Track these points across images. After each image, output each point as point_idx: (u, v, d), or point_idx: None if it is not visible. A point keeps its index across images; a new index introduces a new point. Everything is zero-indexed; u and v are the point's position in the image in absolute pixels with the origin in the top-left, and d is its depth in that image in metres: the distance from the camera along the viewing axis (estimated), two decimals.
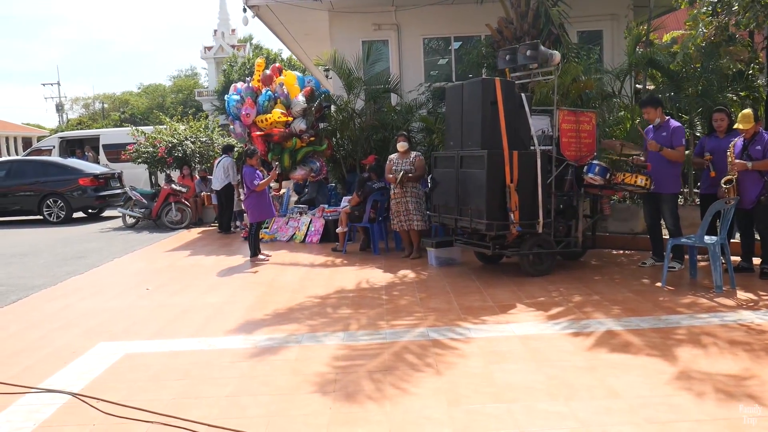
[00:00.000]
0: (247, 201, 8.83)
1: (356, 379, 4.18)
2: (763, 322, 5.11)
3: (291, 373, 4.37)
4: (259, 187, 8.61)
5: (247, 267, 8.44)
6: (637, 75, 10.18)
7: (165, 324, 5.80)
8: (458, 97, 7.42)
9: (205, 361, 4.70)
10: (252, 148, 9.23)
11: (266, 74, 11.00)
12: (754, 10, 6.09)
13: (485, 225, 6.82)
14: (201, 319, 5.91)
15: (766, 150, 6.49)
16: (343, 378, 4.21)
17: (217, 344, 5.11)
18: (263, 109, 10.71)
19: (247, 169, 8.73)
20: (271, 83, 10.97)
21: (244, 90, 11.02)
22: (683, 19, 12.19)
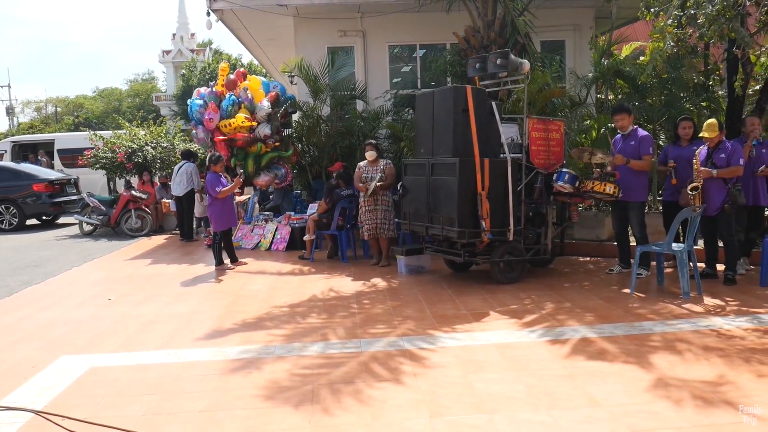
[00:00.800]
0: (210, 209, 8.63)
1: (335, 391, 4.09)
2: (732, 327, 5.21)
3: (266, 385, 4.25)
4: (222, 194, 8.43)
5: (212, 276, 8.26)
6: (599, 85, 10.34)
7: (130, 336, 5.60)
8: (429, 104, 7.41)
9: (176, 375, 4.54)
10: (217, 154, 9.03)
11: (230, 79, 10.80)
12: (718, 23, 6.23)
13: (457, 232, 6.81)
14: (168, 330, 5.73)
15: (730, 158, 6.65)
16: (320, 390, 4.12)
17: (187, 356, 4.95)
18: (227, 114, 10.51)
19: (211, 176, 8.53)
20: (236, 88, 10.78)
21: (208, 94, 10.80)
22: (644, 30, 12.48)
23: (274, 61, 17.56)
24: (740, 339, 4.90)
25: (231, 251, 8.75)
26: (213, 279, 8.06)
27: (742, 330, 5.13)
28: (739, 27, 6.59)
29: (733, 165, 6.61)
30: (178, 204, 11.95)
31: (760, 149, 7.23)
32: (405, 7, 11.66)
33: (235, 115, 10.46)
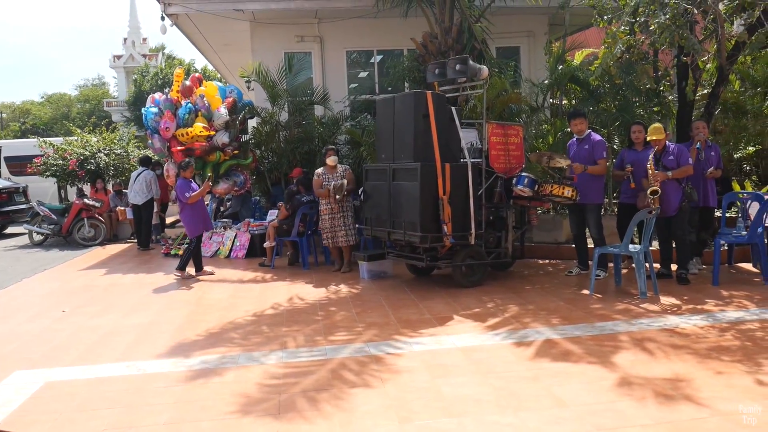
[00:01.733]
0: (183, 215, 8.47)
1: (302, 399, 4.05)
2: (688, 326, 5.35)
3: (231, 395, 4.18)
4: (191, 199, 8.29)
5: (173, 285, 8.09)
6: (553, 91, 10.54)
7: (88, 348, 5.44)
8: (389, 109, 7.42)
9: (136, 387, 4.43)
10: (186, 159, 8.84)
11: (186, 85, 10.58)
12: (670, 30, 6.42)
13: (419, 237, 6.83)
14: (127, 341, 5.58)
15: (679, 158, 6.88)
16: (287, 399, 4.07)
17: (147, 368, 4.83)
18: (184, 122, 10.29)
19: (181, 182, 8.38)
20: (191, 94, 10.57)
21: (163, 102, 10.55)
22: (596, 37, 12.78)
23: (230, 66, 17.39)
24: (696, 337, 5.04)
25: (198, 259, 8.57)
26: (173, 288, 7.89)
27: (698, 328, 5.28)
28: (689, 35, 6.80)
29: (683, 165, 6.84)
30: (136, 212, 11.69)
31: (708, 152, 7.47)
32: (362, 13, 11.68)
33: (192, 123, 10.25)
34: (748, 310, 5.82)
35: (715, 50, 8.50)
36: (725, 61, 8.06)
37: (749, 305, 5.98)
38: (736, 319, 5.52)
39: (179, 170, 8.56)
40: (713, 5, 6.81)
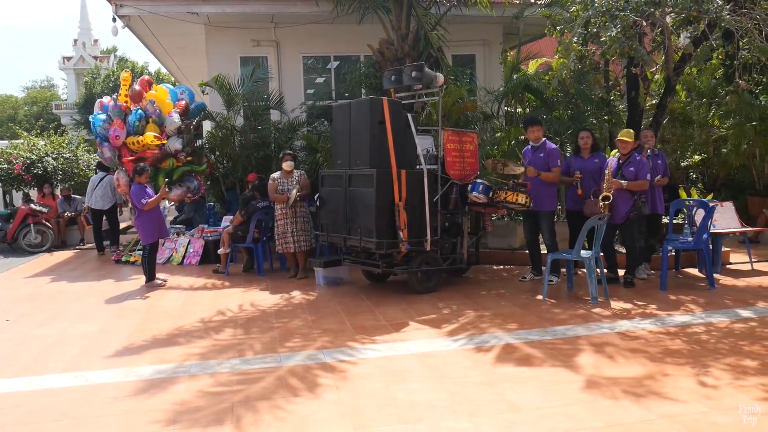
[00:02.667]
0: (138, 221, 8.23)
1: (257, 408, 3.99)
2: (638, 329, 5.48)
3: (183, 405, 4.09)
4: (148, 206, 8.07)
5: (123, 292, 7.89)
6: (508, 99, 10.70)
7: (33, 359, 5.26)
8: (345, 116, 7.41)
9: (84, 399, 4.30)
10: (141, 164, 8.60)
11: (135, 90, 10.20)
12: (620, 42, 6.60)
13: (375, 243, 6.83)
14: (74, 351, 5.42)
15: (639, 172, 7.05)
16: (241, 407, 4.01)
17: (95, 378, 4.70)
18: (134, 130, 9.93)
19: (136, 188, 8.14)
20: (141, 99, 10.26)
21: (112, 108, 10.11)
22: (550, 47, 13.04)
23: (184, 69, 17.11)
24: (646, 340, 5.16)
25: (152, 267, 8.36)
26: (124, 296, 7.69)
27: (647, 332, 5.41)
28: (638, 46, 6.99)
29: (641, 179, 7.02)
30: (96, 217, 11.35)
31: (655, 160, 7.68)
32: (319, 19, 11.66)
33: (143, 130, 9.97)
34: (694, 314, 5.99)
35: (663, 61, 8.77)
36: (672, 72, 8.31)
37: (695, 309, 6.15)
38: (682, 322, 5.68)
39: (134, 175, 8.32)
40: (661, 18, 7.03)
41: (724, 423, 3.57)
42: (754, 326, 5.50)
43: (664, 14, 7.08)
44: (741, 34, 7.01)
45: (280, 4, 11.72)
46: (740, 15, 6.82)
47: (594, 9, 6.82)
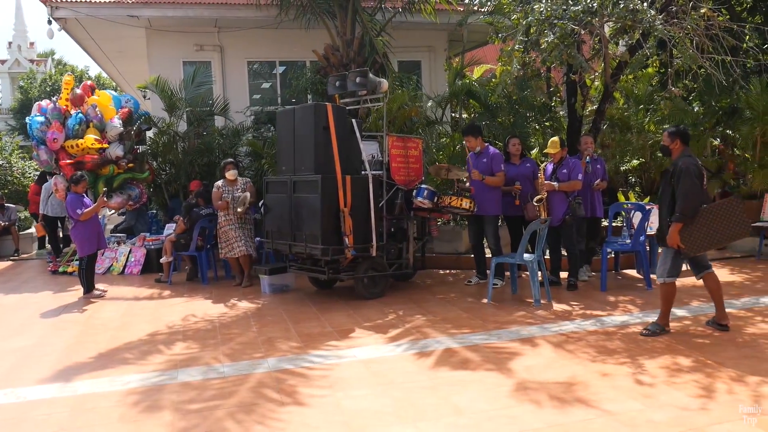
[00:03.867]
0: (74, 232, 7.94)
1: (197, 423, 3.90)
2: (580, 330, 5.60)
3: (122, 421, 3.97)
4: (84, 216, 7.80)
5: (60, 305, 7.61)
6: (453, 105, 10.83)
7: None
8: (290, 121, 7.36)
9: (14, 417, 4.12)
10: (79, 173, 8.28)
11: (76, 93, 9.96)
12: (559, 49, 6.76)
13: (320, 250, 6.79)
14: (5, 367, 5.19)
15: (571, 173, 7.23)
16: (181, 421, 3.91)
17: (28, 395, 4.51)
18: (73, 134, 9.68)
19: (72, 197, 7.85)
20: (83, 104, 9.99)
21: (50, 111, 9.84)
22: (494, 53, 13.26)
23: (125, 74, 16.72)
24: (587, 341, 5.28)
25: (90, 278, 8.08)
26: (61, 308, 7.43)
27: (588, 332, 5.54)
28: (576, 53, 7.18)
29: (573, 180, 7.20)
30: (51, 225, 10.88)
31: (594, 165, 7.88)
32: (264, 23, 11.57)
33: (83, 134, 9.70)
34: (632, 314, 6.16)
35: (601, 69, 9.02)
36: (610, 79, 8.56)
37: (633, 309, 6.33)
38: (621, 322, 5.83)
39: (70, 185, 8.03)
40: (598, 27, 7.23)
41: (660, 420, 3.67)
42: (688, 324, 5.70)
43: (601, 23, 7.30)
44: (673, 43, 7.28)
45: (223, 9, 11.59)
46: (672, 25, 7.07)
47: (534, 17, 6.97)
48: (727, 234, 5.18)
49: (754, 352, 4.84)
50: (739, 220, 5.18)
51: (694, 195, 5.08)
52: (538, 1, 7.21)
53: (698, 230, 5.14)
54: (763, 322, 5.67)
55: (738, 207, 5.21)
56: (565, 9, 6.92)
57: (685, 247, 5.17)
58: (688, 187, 5.09)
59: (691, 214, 5.09)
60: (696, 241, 5.15)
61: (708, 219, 5.14)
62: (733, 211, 5.17)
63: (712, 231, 5.14)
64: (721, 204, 5.21)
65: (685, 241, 5.15)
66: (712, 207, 5.18)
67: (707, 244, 5.19)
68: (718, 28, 7.46)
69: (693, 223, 5.13)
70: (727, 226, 5.16)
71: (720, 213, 5.16)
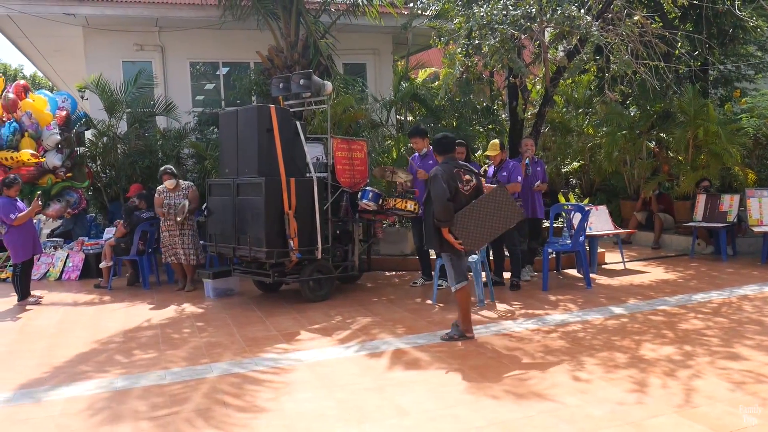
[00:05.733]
0: (8, 238, 7.61)
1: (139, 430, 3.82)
2: (522, 329, 5.72)
3: (56, 429, 3.85)
4: (18, 221, 7.50)
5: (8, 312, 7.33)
6: (398, 107, 10.90)
7: None
8: (233, 123, 7.28)
9: None
10: (12, 176, 7.93)
11: (10, 98, 9.40)
12: (499, 53, 6.90)
13: (265, 253, 6.73)
14: None
15: (510, 176, 7.38)
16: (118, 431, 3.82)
17: None
18: (7, 144, 9.25)
19: (4, 201, 7.52)
20: (16, 110, 9.46)
21: None
22: (438, 57, 13.41)
23: (62, 73, 16.21)
24: (528, 340, 5.39)
25: (25, 284, 7.76)
26: (4, 317, 7.15)
27: (530, 331, 5.66)
28: (516, 58, 7.34)
29: (512, 182, 7.35)
30: None
31: (535, 167, 8.06)
32: (206, 24, 11.41)
33: (17, 144, 9.29)
34: (572, 312, 6.32)
35: (542, 73, 9.24)
36: (550, 83, 8.77)
37: (573, 308, 6.50)
38: (561, 321, 5.98)
39: (2, 188, 7.71)
40: (537, 32, 7.41)
41: (598, 415, 3.78)
42: (626, 322, 5.88)
43: (541, 29, 7.48)
44: (609, 49, 7.52)
45: (164, 8, 11.37)
46: (608, 31, 7.30)
47: (475, 21, 7.09)
48: (500, 223, 5.36)
49: (687, 347, 5.03)
50: (508, 207, 5.37)
51: (440, 199, 5.19)
52: (480, 6, 7.34)
53: (471, 226, 5.27)
54: (695, 318, 5.91)
55: (504, 195, 5.39)
56: (505, 14, 7.05)
57: (465, 245, 5.30)
58: (436, 191, 5.24)
59: (443, 217, 5.22)
60: (472, 236, 5.28)
61: (478, 213, 5.28)
62: (501, 200, 5.35)
63: (486, 224, 5.29)
64: (488, 196, 5.37)
65: (463, 239, 5.27)
66: (479, 201, 5.32)
67: (484, 237, 5.36)
68: (652, 34, 7.74)
69: (462, 221, 5.24)
70: (498, 215, 5.33)
71: (489, 205, 5.32)
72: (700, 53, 10.49)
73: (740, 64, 12.08)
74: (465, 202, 5.31)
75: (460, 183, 5.30)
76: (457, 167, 5.37)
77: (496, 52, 6.87)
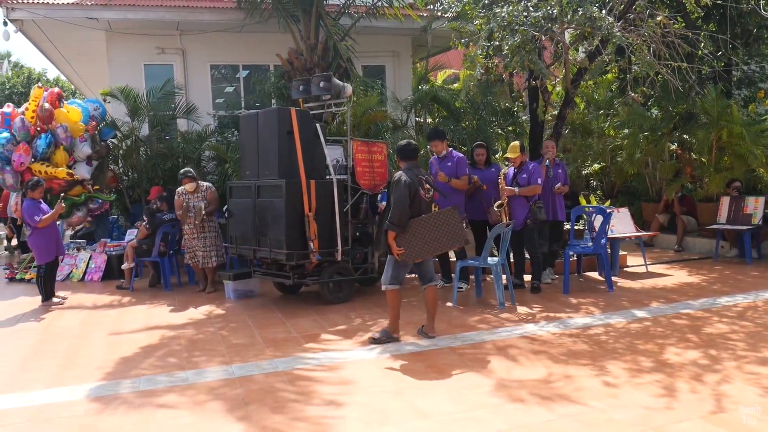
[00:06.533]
0: (32, 239, 7.72)
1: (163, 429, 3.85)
2: (544, 333, 5.67)
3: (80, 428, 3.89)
4: (42, 223, 7.60)
5: (16, 313, 7.40)
6: (418, 109, 10.90)
7: None
8: (253, 126, 7.31)
9: None
10: (35, 179, 8.02)
11: (46, 109, 9.40)
12: (520, 55, 6.86)
13: (285, 255, 6.75)
14: None
15: (531, 178, 7.33)
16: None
17: None
18: (42, 155, 9.38)
19: (28, 203, 7.63)
20: (51, 121, 9.46)
21: (18, 129, 9.32)
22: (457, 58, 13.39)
23: (85, 77, 16.42)
24: (550, 343, 5.35)
25: (49, 285, 7.84)
26: (17, 317, 7.22)
27: (552, 335, 5.61)
28: (537, 59, 7.29)
29: (533, 184, 7.30)
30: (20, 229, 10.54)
31: (556, 169, 8.01)
32: (227, 27, 11.49)
33: (50, 156, 9.43)
34: (594, 315, 6.26)
35: (562, 75, 9.17)
36: (570, 84, 8.71)
37: (595, 311, 6.44)
38: (583, 324, 5.93)
39: (26, 190, 7.80)
40: (558, 33, 7.36)
41: (620, 419, 3.74)
42: (649, 326, 5.82)
43: (561, 30, 7.43)
44: (631, 50, 7.45)
45: (185, 11, 11.46)
46: (630, 32, 7.23)
47: (496, 22, 7.06)
48: (443, 242, 5.47)
49: (713, 351, 4.96)
50: (454, 229, 5.47)
51: (400, 204, 5.27)
52: (500, 7, 7.31)
53: (415, 238, 5.35)
54: (720, 323, 5.83)
55: (454, 217, 5.50)
56: (526, 15, 7.02)
57: (404, 254, 5.35)
58: (396, 197, 5.31)
59: (398, 222, 5.27)
60: (413, 248, 5.36)
61: (425, 228, 5.37)
62: (449, 221, 5.46)
63: (429, 239, 5.38)
64: (439, 214, 5.48)
65: (403, 248, 5.33)
66: (429, 216, 5.43)
67: (424, 252, 5.42)
68: (674, 35, 7.65)
69: (408, 231, 5.32)
70: (443, 234, 5.43)
71: (437, 222, 5.42)
72: (724, 53, 10.36)
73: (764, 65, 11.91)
74: (425, 207, 5.45)
75: (422, 189, 5.42)
76: (419, 174, 5.48)
77: (517, 53, 6.83)
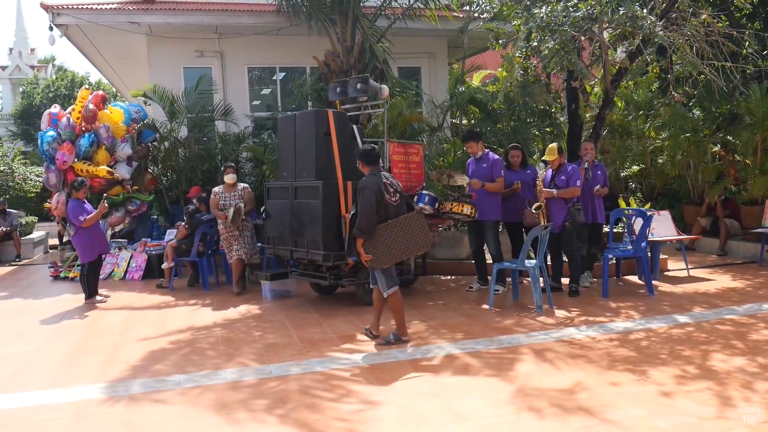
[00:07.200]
0: (76, 239, 7.91)
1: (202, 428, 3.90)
2: (583, 336, 5.60)
3: (126, 427, 3.96)
4: (87, 222, 7.78)
5: (61, 310, 7.59)
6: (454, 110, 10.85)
7: None
8: (291, 127, 7.37)
9: (15, 422, 4.11)
10: (80, 179, 8.23)
11: (90, 109, 9.70)
12: (559, 55, 6.78)
13: (322, 255, 6.79)
14: (6, 373, 5.16)
15: (569, 180, 7.23)
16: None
17: (28, 401, 4.49)
18: (84, 154, 9.65)
19: (73, 203, 7.81)
20: (95, 121, 9.77)
21: (64, 128, 9.63)
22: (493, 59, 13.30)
23: (126, 79, 16.76)
24: (589, 347, 5.27)
25: (92, 284, 8.02)
26: (62, 314, 7.40)
27: (591, 339, 5.53)
28: (576, 60, 7.20)
29: (571, 186, 7.19)
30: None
31: (595, 171, 7.88)
32: (264, 29, 11.62)
33: (93, 155, 9.67)
34: (634, 320, 6.15)
35: (601, 75, 9.04)
36: (610, 85, 8.57)
37: (635, 315, 6.33)
38: (624, 329, 5.82)
39: (71, 190, 8.00)
40: (598, 33, 7.25)
41: (664, 426, 3.66)
42: (691, 331, 5.69)
43: (601, 29, 7.32)
44: (673, 49, 7.30)
45: (223, 15, 11.64)
46: (672, 31, 7.09)
47: (534, 23, 6.99)
48: (409, 247, 5.50)
49: (760, 359, 4.83)
50: (420, 234, 5.51)
51: (367, 211, 5.30)
52: (539, 8, 7.23)
53: (382, 244, 5.35)
54: (766, 329, 5.67)
55: (419, 222, 5.54)
56: (565, 16, 6.94)
57: (372, 261, 5.36)
58: (363, 203, 5.35)
59: (366, 228, 5.30)
60: (381, 254, 5.36)
61: (391, 233, 5.39)
62: (414, 226, 5.51)
63: (395, 244, 5.40)
64: (403, 219, 5.50)
65: (371, 254, 5.34)
66: (394, 222, 5.44)
67: (391, 258, 5.43)
68: (718, 34, 7.48)
69: (374, 237, 5.33)
70: (409, 239, 5.46)
71: (402, 227, 5.44)
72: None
73: None
74: (393, 212, 5.48)
75: (387, 194, 5.45)
76: (384, 179, 5.52)
77: (556, 54, 6.76)
